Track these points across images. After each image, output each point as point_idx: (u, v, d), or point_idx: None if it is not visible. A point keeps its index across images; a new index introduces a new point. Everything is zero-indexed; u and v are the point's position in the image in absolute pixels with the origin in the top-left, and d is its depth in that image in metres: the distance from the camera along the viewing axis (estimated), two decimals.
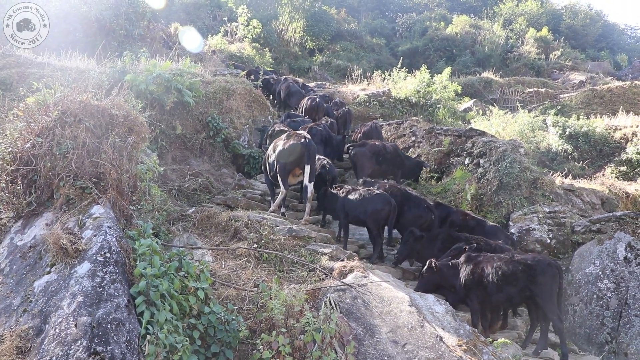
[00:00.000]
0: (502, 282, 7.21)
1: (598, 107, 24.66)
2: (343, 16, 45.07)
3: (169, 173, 11.26)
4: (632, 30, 59.61)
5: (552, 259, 7.85)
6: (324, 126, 13.52)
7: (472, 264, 7.60)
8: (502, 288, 7.22)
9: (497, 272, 7.25)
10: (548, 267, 7.21)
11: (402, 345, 5.85)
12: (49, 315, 4.55)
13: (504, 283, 7.21)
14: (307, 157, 9.84)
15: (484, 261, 7.53)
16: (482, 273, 7.40)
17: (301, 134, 10.21)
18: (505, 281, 7.20)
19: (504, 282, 7.20)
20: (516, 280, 7.17)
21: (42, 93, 6.50)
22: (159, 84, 11.63)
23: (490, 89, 30.37)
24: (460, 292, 7.67)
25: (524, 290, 7.19)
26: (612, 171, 17.02)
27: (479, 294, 7.46)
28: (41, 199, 5.92)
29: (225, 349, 5.41)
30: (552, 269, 7.23)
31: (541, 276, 7.13)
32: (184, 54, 18.68)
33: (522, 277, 7.15)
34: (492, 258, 7.56)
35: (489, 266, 7.38)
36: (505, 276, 7.20)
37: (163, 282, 5.08)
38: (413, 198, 10.09)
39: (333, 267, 7.47)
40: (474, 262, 7.60)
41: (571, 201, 12.05)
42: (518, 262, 7.26)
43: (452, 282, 7.75)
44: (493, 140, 13.13)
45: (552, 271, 7.21)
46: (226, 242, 8.24)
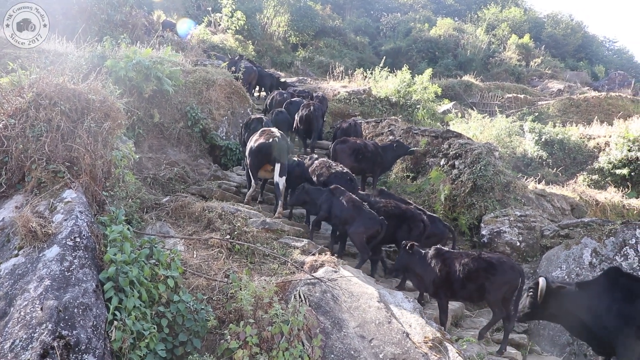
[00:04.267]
0: (466, 279, 7.35)
1: (574, 116, 25.07)
2: (328, 12, 45.08)
3: (145, 161, 11.18)
4: (610, 42, 60.56)
5: (516, 262, 7.92)
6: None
7: (440, 260, 7.69)
8: (466, 284, 7.36)
9: (464, 269, 7.38)
10: (510, 270, 7.31)
11: (369, 340, 5.92)
12: (14, 298, 4.51)
13: (467, 279, 7.34)
14: (277, 155, 9.99)
15: (452, 258, 7.64)
16: (449, 270, 7.51)
17: (273, 132, 10.32)
18: (468, 278, 7.34)
19: (468, 278, 7.34)
20: (477, 277, 7.31)
21: (17, 74, 6.43)
22: (139, 71, 11.52)
23: (470, 93, 30.66)
24: (429, 288, 7.80)
25: (481, 287, 7.33)
26: (584, 179, 17.32)
27: (446, 290, 7.58)
28: (12, 181, 5.86)
29: (193, 338, 5.42)
30: (513, 273, 7.33)
31: (500, 276, 7.25)
32: (166, 42, 18.53)
33: (483, 275, 7.29)
34: (460, 255, 7.70)
35: (457, 263, 7.50)
36: (469, 273, 7.34)
37: (133, 268, 5.07)
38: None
39: (304, 261, 7.51)
40: (442, 259, 7.70)
41: (542, 206, 12.26)
42: (483, 260, 7.39)
43: (421, 272, 7.85)
44: (469, 142, 13.28)
45: (512, 275, 7.31)
46: (199, 232, 8.24)
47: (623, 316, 6.53)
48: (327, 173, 10.43)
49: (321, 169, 10.61)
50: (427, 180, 13.24)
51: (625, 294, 6.64)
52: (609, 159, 17.34)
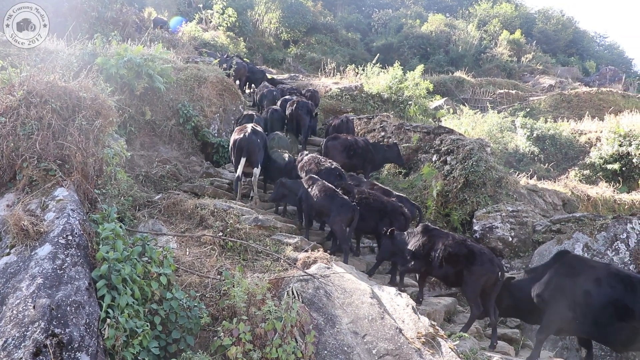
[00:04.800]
0: (445, 260, 7.71)
1: (565, 112, 25.19)
2: (319, 9, 45.04)
3: (137, 159, 11.15)
4: (601, 38, 60.87)
5: (497, 257, 8.12)
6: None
7: (426, 236, 8.09)
8: (444, 265, 7.71)
9: (445, 249, 7.70)
10: (488, 263, 7.52)
11: (362, 336, 5.94)
12: (6, 296, 4.50)
13: (447, 261, 7.69)
14: (246, 150, 10.68)
15: (437, 236, 8.02)
16: (432, 246, 7.90)
17: (246, 128, 10.98)
18: (449, 259, 7.67)
19: (447, 260, 7.69)
20: (457, 262, 7.62)
21: (8, 72, 6.39)
22: (130, 69, 11.47)
23: (462, 89, 30.75)
24: (409, 258, 8.18)
25: (459, 273, 7.62)
26: (575, 174, 17.43)
27: (425, 264, 7.99)
28: (3, 180, 5.84)
29: (187, 335, 5.41)
30: (491, 266, 7.52)
31: (478, 267, 7.47)
32: (157, 39, 18.45)
33: (462, 261, 7.58)
34: (446, 235, 8.02)
35: (441, 242, 7.82)
36: (450, 255, 7.66)
37: (125, 266, 5.06)
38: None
39: (297, 258, 7.52)
40: (428, 235, 8.09)
41: (534, 201, 12.32)
42: (465, 246, 7.66)
43: (402, 249, 8.32)
44: (461, 138, 13.32)
45: (490, 268, 7.50)
46: (191, 229, 8.22)
47: (560, 288, 6.86)
48: (317, 169, 10.60)
49: (310, 164, 10.80)
50: (419, 177, 13.28)
51: (568, 270, 6.96)
52: (600, 154, 17.45)
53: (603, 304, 6.60)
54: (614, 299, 6.55)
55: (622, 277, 6.72)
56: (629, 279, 6.65)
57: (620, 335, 6.60)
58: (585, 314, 6.71)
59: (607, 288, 6.64)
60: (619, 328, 6.55)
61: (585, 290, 6.72)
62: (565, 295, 6.83)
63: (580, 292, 6.75)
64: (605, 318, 6.60)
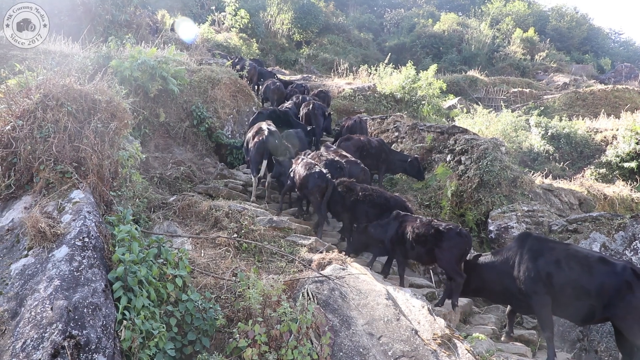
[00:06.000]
0: (415, 242, 8.13)
1: (580, 110, 24.95)
2: (331, 9, 45.06)
3: (151, 160, 11.21)
4: (616, 34, 60.35)
5: (463, 228, 8.52)
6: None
7: (398, 222, 8.56)
8: (415, 246, 8.17)
9: (414, 232, 8.16)
10: (456, 236, 7.92)
11: (378, 337, 5.91)
12: (25, 298, 4.53)
13: (416, 242, 8.12)
14: (267, 152, 11.09)
15: (408, 221, 8.45)
16: (404, 231, 8.33)
17: (263, 130, 11.23)
18: (418, 241, 8.09)
19: (417, 241, 8.10)
20: (426, 241, 8.02)
21: (24, 75, 6.44)
22: (144, 71, 11.55)
23: (475, 88, 30.58)
24: (387, 246, 8.63)
25: (430, 252, 8.04)
26: (591, 173, 17.25)
27: (401, 248, 8.40)
28: (20, 182, 5.88)
29: (202, 336, 5.43)
30: (459, 238, 7.96)
31: (447, 242, 7.87)
32: (170, 41, 18.56)
33: (431, 240, 7.97)
34: (415, 219, 8.48)
35: (410, 226, 8.28)
36: (418, 236, 8.09)
37: (141, 268, 5.08)
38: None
39: (312, 259, 7.51)
40: (400, 221, 8.56)
41: (550, 201, 12.20)
42: (431, 226, 8.07)
43: (381, 238, 8.70)
44: (475, 138, 13.23)
45: (458, 240, 7.95)
46: (206, 231, 8.25)
47: (529, 275, 7.06)
48: (319, 161, 10.81)
49: (313, 159, 10.96)
50: (433, 177, 13.21)
51: (532, 254, 7.17)
52: (616, 152, 17.25)
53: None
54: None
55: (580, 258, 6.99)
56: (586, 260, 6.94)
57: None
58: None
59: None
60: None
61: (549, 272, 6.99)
62: (537, 280, 7.06)
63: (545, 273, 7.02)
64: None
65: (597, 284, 6.67)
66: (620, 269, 6.68)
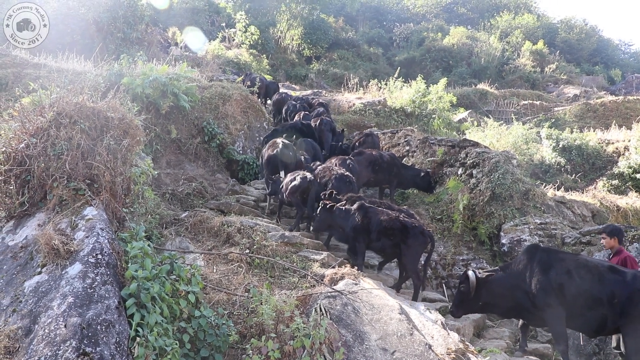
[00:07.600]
0: (381, 234, 8.44)
1: (591, 121, 24.86)
2: (341, 25, 45.32)
3: (163, 177, 11.27)
4: (626, 45, 60.33)
5: (427, 229, 8.86)
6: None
7: (362, 212, 8.74)
8: (380, 238, 8.47)
9: (380, 224, 8.45)
10: (420, 235, 8.37)
11: (391, 352, 5.87)
12: (38, 315, 4.55)
13: (382, 235, 8.44)
14: (282, 165, 11.35)
15: (373, 212, 8.70)
16: (369, 222, 8.58)
17: (277, 144, 11.57)
18: (384, 233, 8.42)
19: (383, 234, 8.43)
20: (393, 235, 8.38)
21: (38, 94, 6.51)
22: (155, 88, 11.65)
23: (486, 101, 30.55)
24: (349, 234, 8.81)
25: (396, 245, 8.44)
26: (604, 184, 17.13)
27: (364, 238, 8.61)
28: (34, 200, 5.92)
29: (215, 353, 5.41)
30: (423, 238, 8.43)
31: (412, 239, 8.30)
32: (182, 58, 18.73)
33: (397, 234, 8.35)
34: (381, 212, 8.75)
35: (376, 217, 8.57)
36: (385, 229, 8.41)
37: (154, 284, 5.08)
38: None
39: (324, 274, 7.48)
40: (364, 211, 8.75)
41: (562, 213, 12.11)
42: (398, 221, 8.43)
43: (342, 224, 8.88)
44: (486, 151, 13.19)
45: (422, 239, 8.42)
46: (218, 246, 8.26)
47: (542, 287, 7.01)
48: (329, 175, 10.94)
49: (324, 172, 11.21)
50: (445, 190, 13.16)
51: (541, 267, 7.13)
52: (629, 164, 17.13)
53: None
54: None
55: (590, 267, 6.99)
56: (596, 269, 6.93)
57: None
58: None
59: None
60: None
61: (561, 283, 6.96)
62: (549, 293, 7.01)
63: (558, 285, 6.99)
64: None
65: (608, 292, 6.67)
66: (631, 277, 6.69)
